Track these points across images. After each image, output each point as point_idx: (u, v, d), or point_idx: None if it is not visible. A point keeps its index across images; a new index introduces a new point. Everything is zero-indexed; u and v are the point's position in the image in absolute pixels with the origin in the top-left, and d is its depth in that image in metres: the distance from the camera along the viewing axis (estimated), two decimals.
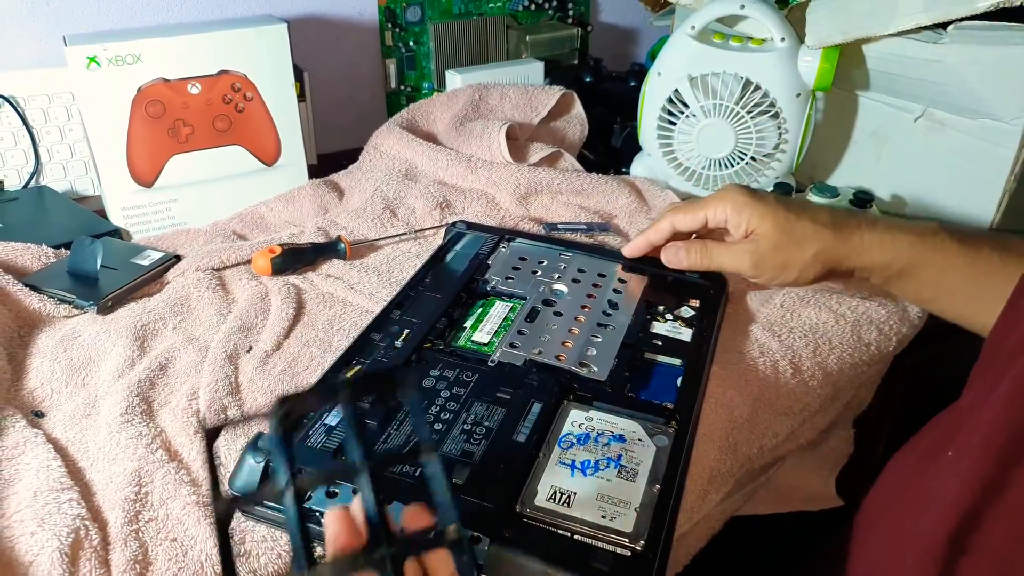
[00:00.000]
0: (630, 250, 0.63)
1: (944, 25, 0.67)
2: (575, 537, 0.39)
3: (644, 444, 0.45)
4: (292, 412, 0.29)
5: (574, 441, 0.45)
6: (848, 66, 0.77)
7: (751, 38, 0.78)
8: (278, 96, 0.82)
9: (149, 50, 0.74)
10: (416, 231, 0.77)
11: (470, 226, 0.72)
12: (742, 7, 0.76)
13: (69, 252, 0.68)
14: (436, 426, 0.46)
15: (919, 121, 0.75)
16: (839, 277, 0.58)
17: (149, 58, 0.75)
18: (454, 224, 0.72)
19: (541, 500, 0.41)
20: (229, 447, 0.49)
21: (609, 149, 0.96)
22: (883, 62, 0.75)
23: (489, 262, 0.66)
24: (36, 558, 0.40)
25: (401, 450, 0.44)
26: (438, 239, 0.74)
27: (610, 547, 0.39)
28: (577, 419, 0.47)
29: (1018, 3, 0.63)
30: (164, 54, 0.75)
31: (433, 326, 0.56)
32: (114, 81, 0.74)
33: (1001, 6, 0.63)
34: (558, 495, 0.41)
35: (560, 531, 0.39)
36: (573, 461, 0.44)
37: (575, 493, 0.41)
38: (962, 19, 0.66)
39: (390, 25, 1.02)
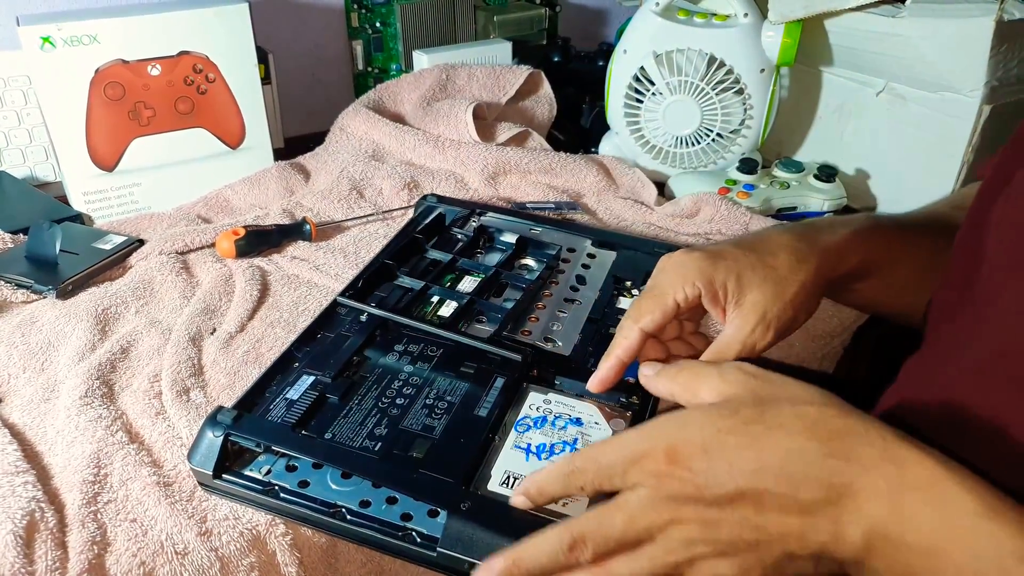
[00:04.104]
0: (598, 384, 0.45)
1: None
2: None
3: (600, 428, 0.45)
4: None
5: (531, 424, 0.45)
6: (811, 41, 0.77)
7: (715, 14, 0.78)
8: (241, 78, 0.81)
9: (106, 30, 0.73)
10: (383, 212, 0.76)
11: (441, 199, 0.71)
12: None
13: (27, 237, 0.67)
14: (398, 401, 0.46)
15: (881, 95, 0.76)
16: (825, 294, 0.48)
17: (106, 38, 0.73)
18: (425, 197, 0.71)
19: (494, 485, 0.41)
20: (191, 425, 0.48)
21: (578, 129, 0.96)
22: (845, 37, 0.75)
23: (459, 236, 0.66)
24: None
25: (362, 427, 0.44)
26: (406, 220, 0.73)
27: None
28: (535, 402, 0.47)
29: None
30: (122, 34, 0.74)
31: (400, 300, 0.56)
32: (70, 62, 0.72)
33: None
34: (511, 480, 0.41)
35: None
36: (528, 445, 0.44)
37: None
38: None
39: (356, 6, 1.01)
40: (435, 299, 0.57)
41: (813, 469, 0.31)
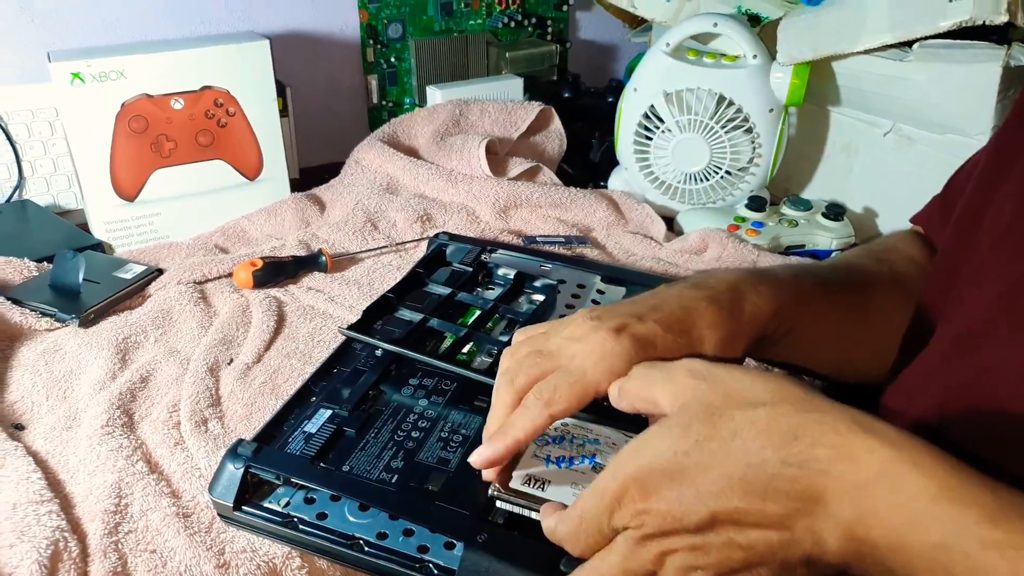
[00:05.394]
0: (483, 462, 0.40)
1: (910, 43, 0.69)
2: None
3: (619, 446, 0.46)
4: None
5: (549, 440, 0.46)
6: (819, 82, 0.79)
7: (724, 55, 0.80)
8: (260, 111, 0.83)
9: (132, 66, 0.75)
10: (397, 244, 0.78)
11: (453, 237, 0.73)
12: (715, 25, 0.78)
13: (51, 266, 0.69)
14: (414, 434, 0.47)
15: (888, 136, 0.78)
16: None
17: (132, 74, 0.75)
18: (437, 235, 0.73)
19: (516, 484, 0.41)
20: (209, 456, 0.49)
21: (587, 164, 0.97)
22: (852, 79, 0.77)
23: None
24: (15, 570, 0.40)
25: (378, 460, 0.45)
26: (419, 252, 0.75)
27: None
28: (554, 424, 0.48)
29: (980, 22, 0.65)
30: (147, 70, 0.76)
31: (413, 335, 0.57)
32: (98, 97, 0.75)
33: (964, 25, 0.65)
34: (533, 481, 0.42)
35: (535, 515, 0.39)
36: (548, 456, 0.44)
37: (549, 481, 0.42)
38: (927, 37, 0.68)
39: (372, 41, 1.04)
40: (448, 335, 0.58)
41: (775, 481, 0.31)
